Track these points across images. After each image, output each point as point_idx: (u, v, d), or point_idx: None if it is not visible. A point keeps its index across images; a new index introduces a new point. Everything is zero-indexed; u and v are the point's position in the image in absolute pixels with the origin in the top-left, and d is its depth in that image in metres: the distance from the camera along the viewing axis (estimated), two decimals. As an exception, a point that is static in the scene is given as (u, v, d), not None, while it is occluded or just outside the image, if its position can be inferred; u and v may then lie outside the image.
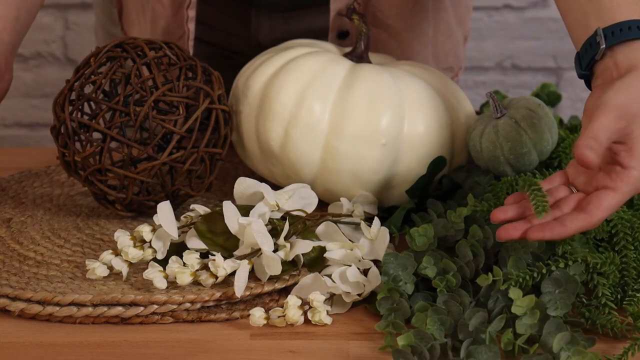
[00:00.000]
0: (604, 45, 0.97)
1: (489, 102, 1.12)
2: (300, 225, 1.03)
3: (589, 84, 1.01)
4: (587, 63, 0.99)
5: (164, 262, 0.99)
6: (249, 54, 1.40)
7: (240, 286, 0.96)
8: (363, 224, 1.04)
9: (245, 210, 1.02)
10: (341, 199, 1.11)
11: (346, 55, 1.19)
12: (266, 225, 1.01)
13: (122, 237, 1.01)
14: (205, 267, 0.98)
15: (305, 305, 0.96)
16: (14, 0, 1.16)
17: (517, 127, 1.09)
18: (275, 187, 1.07)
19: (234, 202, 1.03)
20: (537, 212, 0.92)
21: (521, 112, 1.10)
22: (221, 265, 0.97)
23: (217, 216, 1.02)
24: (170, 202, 1.03)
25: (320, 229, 1.04)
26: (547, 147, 1.10)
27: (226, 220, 1.00)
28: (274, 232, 1.01)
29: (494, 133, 1.09)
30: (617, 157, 0.94)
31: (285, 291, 1.00)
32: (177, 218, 1.03)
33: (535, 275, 0.94)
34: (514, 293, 0.91)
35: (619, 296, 0.97)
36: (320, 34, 1.33)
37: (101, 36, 1.54)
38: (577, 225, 0.92)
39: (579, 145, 0.91)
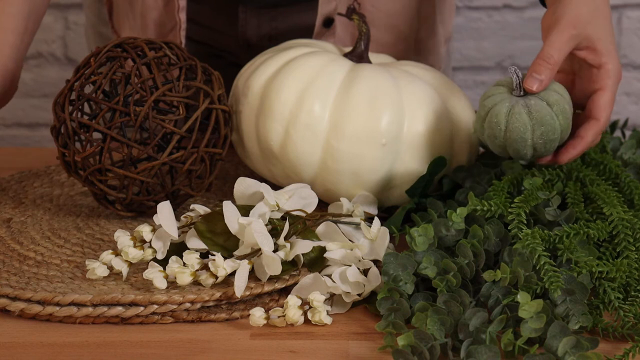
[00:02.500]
0: None
1: (511, 77, 1.06)
2: (300, 225, 1.02)
3: (543, 3, 1.12)
4: None
5: (164, 262, 0.99)
6: (236, 52, 1.41)
7: (240, 286, 0.96)
8: (363, 224, 1.04)
9: (245, 210, 1.02)
10: (341, 199, 1.11)
11: (346, 55, 1.18)
12: (266, 225, 1.01)
13: (122, 237, 1.01)
14: (205, 267, 0.98)
15: (305, 305, 0.96)
16: (22, 12, 1.17)
17: (550, 111, 1.03)
18: (275, 187, 1.07)
19: (234, 202, 1.03)
20: None
21: (553, 96, 1.04)
22: (221, 265, 0.97)
23: (217, 216, 1.02)
24: (170, 202, 1.03)
25: (320, 229, 1.04)
26: (565, 137, 1.06)
27: (226, 220, 1.00)
28: (274, 232, 1.01)
29: (526, 114, 1.03)
30: (587, 62, 1.07)
31: (285, 291, 1.00)
32: (177, 218, 1.03)
33: (544, 281, 0.94)
34: (523, 297, 0.91)
35: (621, 297, 0.97)
36: (307, 31, 1.33)
37: (91, 37, 1.54)
38: (592, 131, 1.06)
39: (527, 75, 1.04)
